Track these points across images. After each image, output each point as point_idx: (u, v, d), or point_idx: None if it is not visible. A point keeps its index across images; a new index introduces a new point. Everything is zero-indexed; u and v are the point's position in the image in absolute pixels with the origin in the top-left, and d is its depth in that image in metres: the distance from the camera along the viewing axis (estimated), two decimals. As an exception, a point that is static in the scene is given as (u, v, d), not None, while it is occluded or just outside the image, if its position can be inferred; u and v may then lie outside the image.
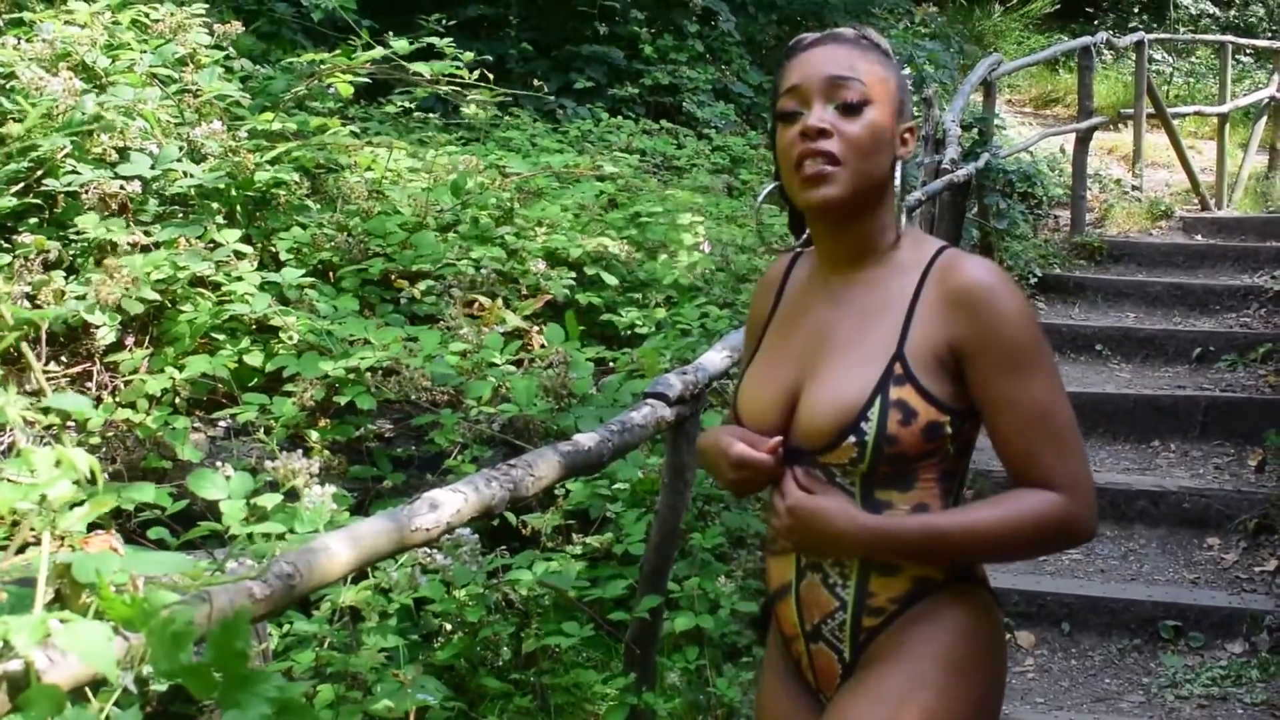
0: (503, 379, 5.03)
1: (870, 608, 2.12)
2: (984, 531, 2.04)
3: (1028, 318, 2.07)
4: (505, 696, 3.97)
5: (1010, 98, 16.19)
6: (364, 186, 6.30)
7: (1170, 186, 12.60)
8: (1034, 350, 2.05)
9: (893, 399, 2.05)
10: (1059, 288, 9.31)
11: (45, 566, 1.91)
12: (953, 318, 2.06)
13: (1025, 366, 2.04)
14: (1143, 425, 7.16)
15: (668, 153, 9.52)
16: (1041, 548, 2.13)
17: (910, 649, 2.09)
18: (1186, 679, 5.13)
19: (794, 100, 2.12)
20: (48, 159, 5.50)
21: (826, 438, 2.09)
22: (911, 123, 2.18)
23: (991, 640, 2.16)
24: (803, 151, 2.08)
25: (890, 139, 2.13)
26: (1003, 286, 2.06)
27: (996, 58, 9.89)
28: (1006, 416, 2.05)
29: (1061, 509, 2.03)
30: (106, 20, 6.24)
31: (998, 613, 2.20)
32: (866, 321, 2.13)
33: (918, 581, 2.10)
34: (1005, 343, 2.03)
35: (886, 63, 2.16)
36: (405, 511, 2.52)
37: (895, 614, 2.11)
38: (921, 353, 2.06)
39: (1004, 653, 2.21)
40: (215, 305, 5.18)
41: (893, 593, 2.11)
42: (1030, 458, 2.05)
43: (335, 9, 8.18)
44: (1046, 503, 2.03)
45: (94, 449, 4.70)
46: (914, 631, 2.10)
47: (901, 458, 2.06)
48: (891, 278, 2.14)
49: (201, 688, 1.82)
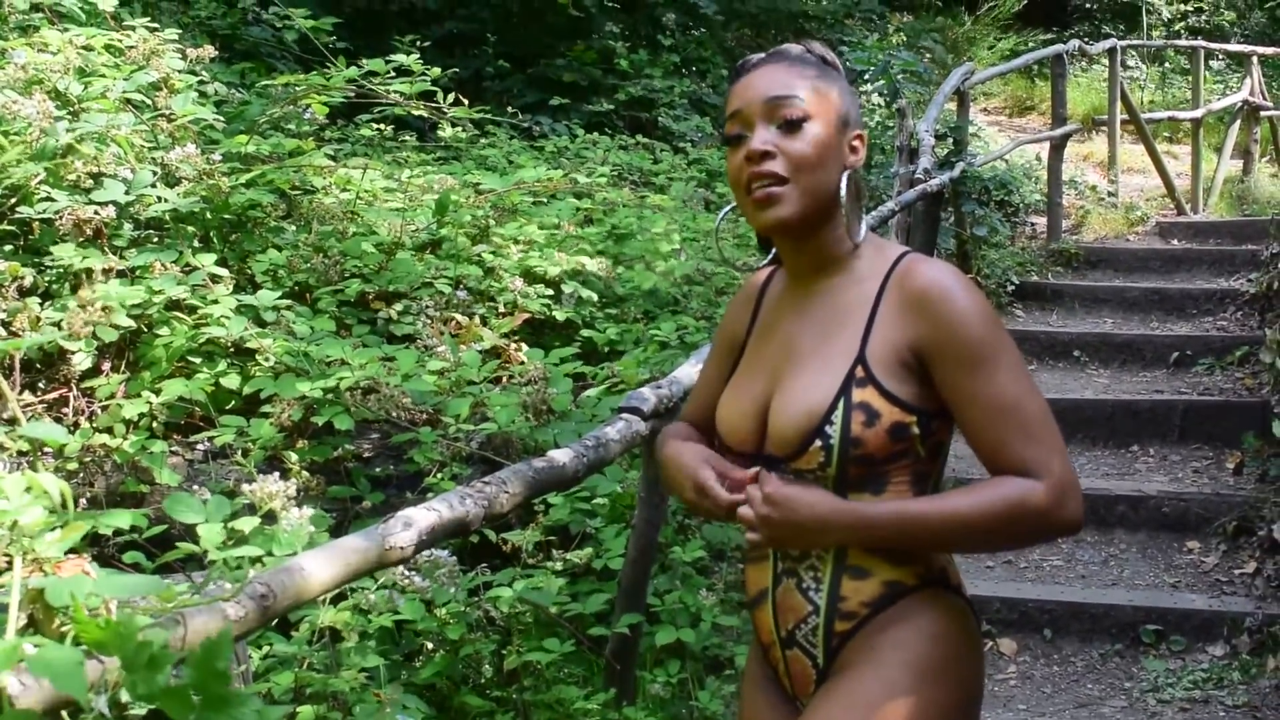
0: (481, 396, 5.03)
1: (842, 612, 2.13)
2: (959, 516, 2.04)
3: (985, 314, 2.08)
4: (488, 714, 3.97)
5: (986, 106, 16.26)
6: (339, 208, 6.31)
7: (1145, 192, 12.66)
8: (993, 345, 2.06)
9: (855, 401, 2.07)
10: (1036, 295, 9.35)
11: (17, 591, 1.91)
12: (912, 319, 2.09)
13: (986, 361, 2.05)
14: (1121, 430, 7.19)
15: (644, 168, 9.55)
16: (1019, 536, 2.09)
17: (882, 655, 2.10)
18: (1168, 683, 5.14)
19: (738, 125, 2.16)
20: (21, 186, 5.49)
21: (793, 444, 2.11)
22: (860, 130, 2.20)
23: (965, 646, 2.16)
24: (750, 175, 2.13)
25: (836, 150, 2.15)
26: (959, 286, 2.08)
27: (969, 67, 9.93)
28: (973, 412, 2.06)
29: (1037, 496, 2.02)
30: (80, 44, 6.24)
31: (972, 618, 2.20)
32: (829, 329, 2.16)
33: (888, 585, 2.11)
34: (963, 340, 2.05)
35: (828, 75, 2.19)
36: (380, 530, 2.52)
37: (867, 618, 2.12)
38: (883, 355, 2.09)
39: (979, 658, 2.21)
40: (191, 329, 5.17)
41: (864, 597, 2.12)
42: (1001, 449, 2.05)
43: (309, 31, 8.18)
44: (1022, 489, 2.02)
45: (71, 474, 4.70)
46: (886, 637, 2.10)
47: (869, 459, 2.07)
48: (853, 285, 2.17)
49: (179, 710, 1.82)
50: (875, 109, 10.51)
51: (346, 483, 4.94)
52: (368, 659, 3.65)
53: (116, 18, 7.19)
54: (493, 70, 11.65)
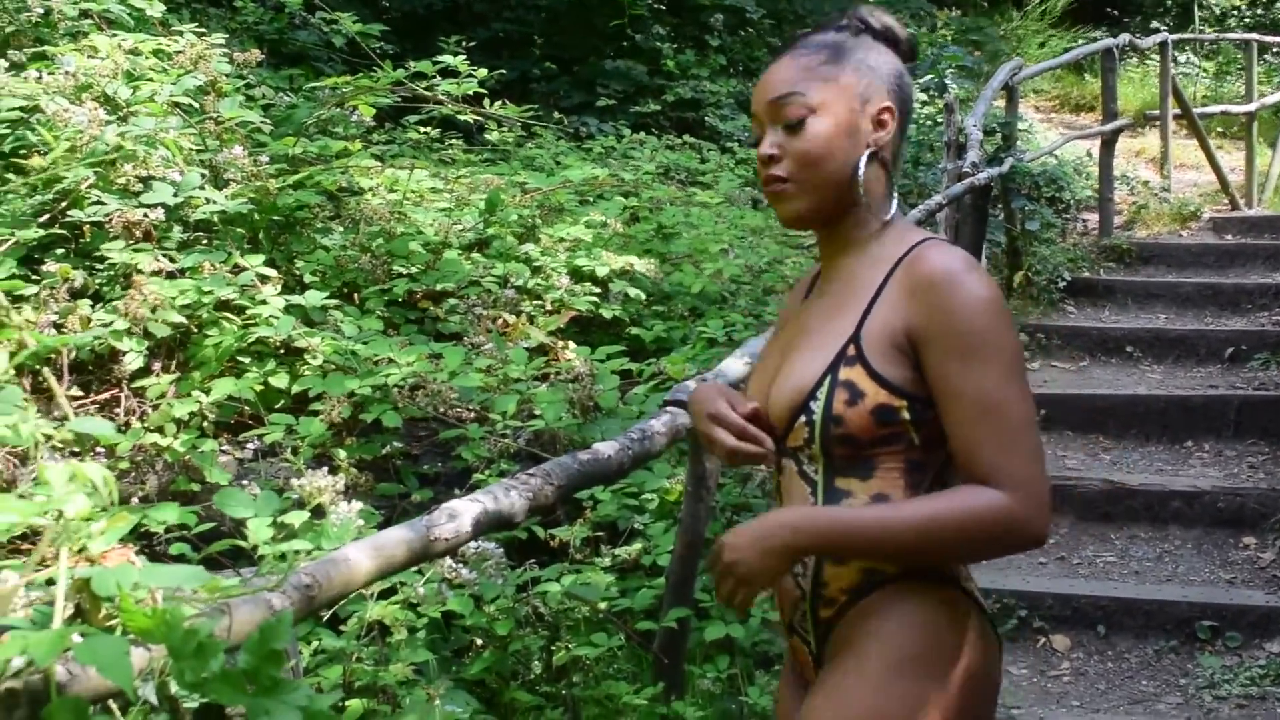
0: (528, 393, 5.03)
1: (824, 598, 2.11)
2: (905, 526, 1.98)
3: (987, 307, 2.00)
4: (537, 709, 3.97)
5: (1036, 103, 16.14)
6: (386, 208, 6.33)
7: (1199, 187, 12.52)
8: (989, 340, 1.99)
9: (841, 379, 2.05)
10: (1088, 291, 9.26)
11: (64, 581, 1.92)
12: (912, 304, 2.04)
13: (977, 355, 1.98)
14: (1175, 426, 7.12)
15: (691, 167, 9.53)
16: (981, 548, 2.02)
17: (860, 645, 2.07)
18: (1224, 679, 5.08)
19: (755, 126, 2.22)
20: (72, 190, 5.55)
21: (784, 420, 2.11)
22: (887, 102, 2.16)
23: (951, 637, 2.06)
24: (764, 177, 2.17)
25: (848, 136, 2.13)
26: (967, 275, 2.02)
27: (1018, 62, 9.86)
28: (953, 406, 2.00)
29: (1003, 508, 1.95)
30: (128, 49, 6.29)
31: (968, 608, 2.10)
32: (835, 310, 2.14)
33: (866, 573, 2.08)
34: (958, 329, 1.99)
35: (841, 57, 2.17)
36: (424, 521, 2.52)
37: (847, 605, 2.09)
38: (877, 336, 2.05)
39: (976, 650, 2.08)
40: (241, 329, 5.21)
41: (843, 583, 2.09)
42: (974, 452, 1.99)
43: (356, 35, 8.22)
44: (987, 500, 1.95)
45: (123, 473, 4.74)
46: (865, 627, 2.07)
47: (851, 440, 2.04)
48: (867, 269, 2.15)
49: (231, 696, 1.82)
50: (923, 104, 10.45)
51: (395, 480, 4.96)
52: (417, 654, 3.65)
53: (164, 23, 7.26)
54: (539, 72, 11.67)
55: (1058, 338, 8.42)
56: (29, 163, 5.70)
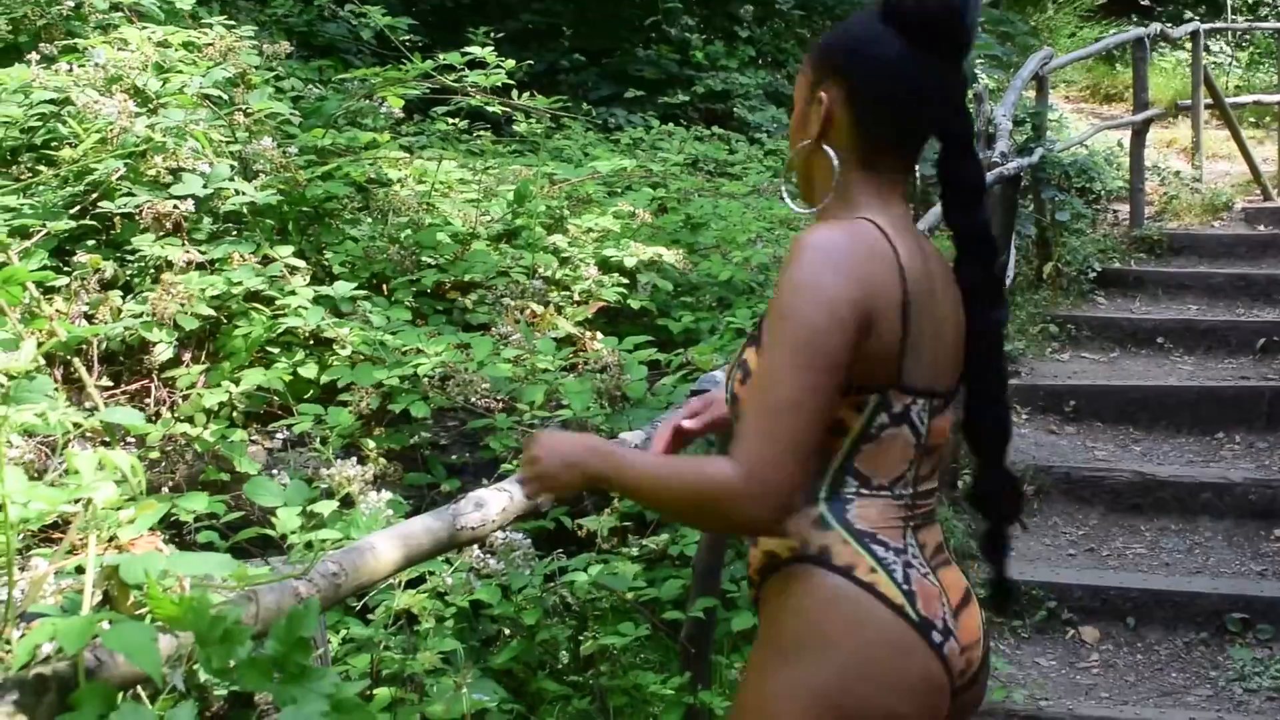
0: (556, 383, 5.04)
1: (749, 578, 2.18)
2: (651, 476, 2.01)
3: (796, 286, 1.95)
4: (564, 699, 3.98)
5: (1066, 94, 16.07)
6: (415, 199, 6.35)
7: (1231, 177, 12.44)
8: (786, 318, 1.93)
9: (741, 359, 2.12)
10: (1119, 282, 9.21)
11: (92, 568, 1.94)
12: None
13: (774, 332, 1.94)
14: (1206, 417, 7.08)
15: (720, 158, 9.52)
16: (703, 516, 2.09)
17: (759, 630, 2.14)
18: (1255, 671, 5.06)
19: None
20: (103, 182, 5.58)
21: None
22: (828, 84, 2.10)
23: (836, 627, 2.01)
24: None
25: (799, 130, 2.15)
26: (802, 253, 1.97)
27: (1048, 52, 9.81)
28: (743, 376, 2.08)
29: (724, 481, 1.90)
30: (158, 39, 6.33)
31: (855, 598, 2.02)
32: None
33: (767, 556, 2.11)
34: (772, 305, 1.97)
35: (817, 50, 2.17)
36: (451, 510, 2.53)
37: (760, 585, 2.14)
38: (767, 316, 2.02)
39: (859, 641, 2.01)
40: (270, 320, 5.22)
41: (754, 564, 2.15)
42: (737, 421, 2.01)
43: (385, 27, 8.24)
44: (716, 469, 1.93)
45: (154, 463, 4.76)
46: (764, 611, 2.13)
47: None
48: None
49: (257, 681, 1.83)
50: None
51: (423, 470, 4.97)
52: (445, 643, 3.66)
53: (194, 15, 7.29)
54: (568, 63, 11.67)
55: (1088, 329, 8.38)
56: (60, 154, 5.74)
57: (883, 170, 2.10)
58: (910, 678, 2.01)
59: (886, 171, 2.10)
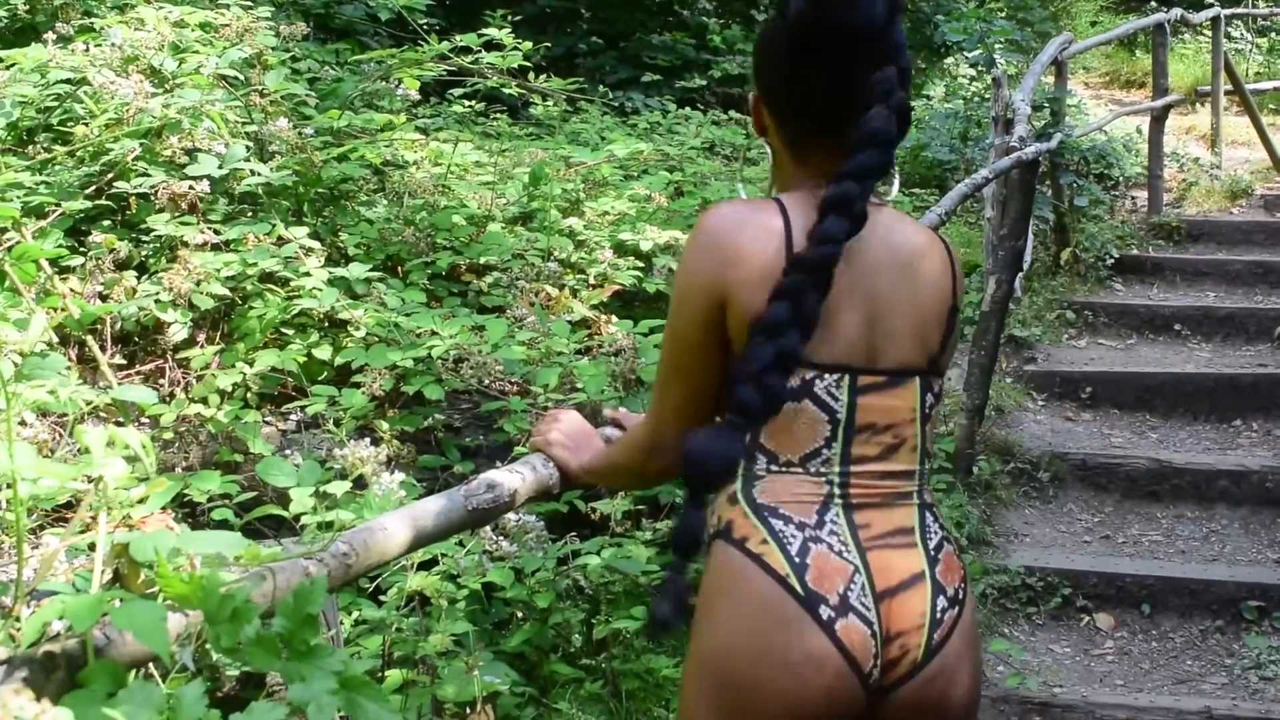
0: (570, 366, 5.03)
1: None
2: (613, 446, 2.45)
3: (682, 263, 2.14)
4: (576, 682, 3.97)
5: (1086, 80, 15.99)
6: (430, 181, 6.33)
7: (1250, 164, 12.36)
8: (672, 296, 2.14)
9: None
10: (1136, 268, 9.18)
11: (102, 546, 1.93)
12: None
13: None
14: (1223, 405, 7.06)
15: (736, 142, 9.50)
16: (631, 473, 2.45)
17: None
18: (1271, 659, 5.04)
19: None
20: (119, 162, 5.57)
21: None
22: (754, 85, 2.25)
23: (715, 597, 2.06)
24: None
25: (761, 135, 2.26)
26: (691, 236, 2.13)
27: (1067, 37, 9.74)
28: None
29: (641, 435, 2.26)
30: (175, 19, 6.32)
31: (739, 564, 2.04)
32: None
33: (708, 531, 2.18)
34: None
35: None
36: (462, 491, 2.51)
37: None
38: None
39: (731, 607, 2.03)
40: (284, 301, 5.22)
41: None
42: None
43: (402, 9, 8.23)
44: (636, 427, 2.32)
45: (168, 444, 4.76)
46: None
47: None
48: None
49: (265, 660, 1.82)
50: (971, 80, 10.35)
51: (437, 452, 4.96)
52: (457, 625, 3.66)
53: (211, -4, 7.28)
54: (585, 47, 11.66)
55: (1105, 315, 8.35)
56: (75, 133, 5.74)
57: (812, 158, 2.15)
58: (789, 652, 1.98)
59: (817, 158, 2.13)
